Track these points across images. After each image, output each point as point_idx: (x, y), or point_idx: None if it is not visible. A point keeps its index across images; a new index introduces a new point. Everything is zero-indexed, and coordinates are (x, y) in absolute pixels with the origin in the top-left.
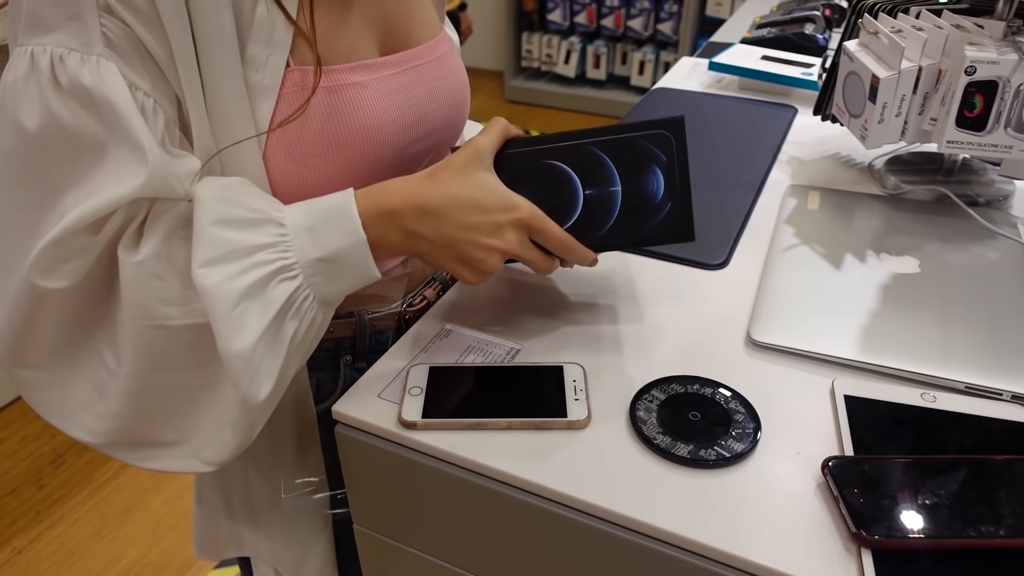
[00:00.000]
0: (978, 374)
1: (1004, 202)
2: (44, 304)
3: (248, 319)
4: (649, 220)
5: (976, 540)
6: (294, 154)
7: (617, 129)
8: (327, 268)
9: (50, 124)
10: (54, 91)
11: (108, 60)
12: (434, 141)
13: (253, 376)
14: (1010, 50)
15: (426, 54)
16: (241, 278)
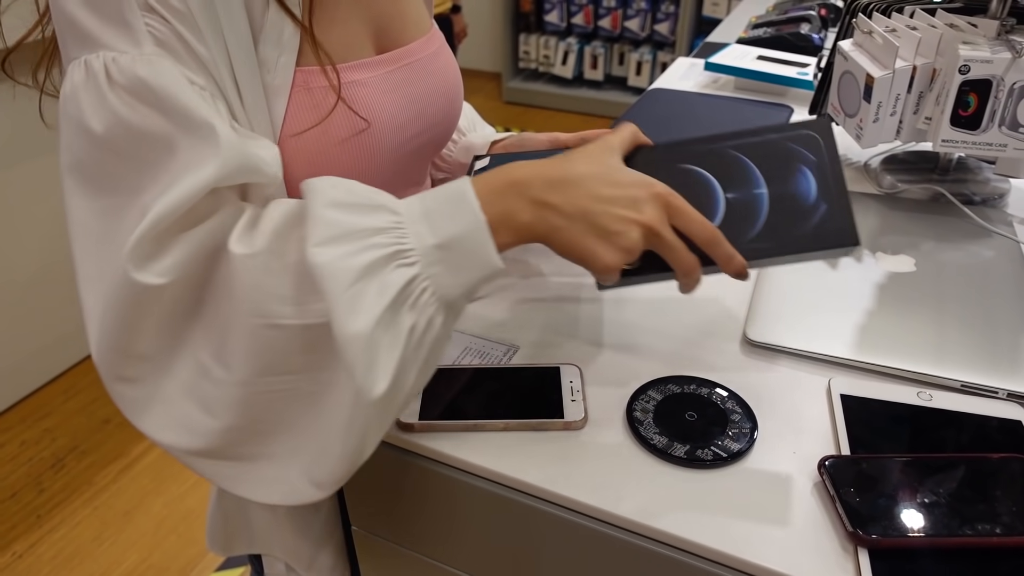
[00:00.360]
0: (974, 372)
1: (1000, 200)
2: (141, 306)
3: (365, 300)
4: (803, 223)
5: (973, 538)
6: (300, 152)
7: (752, 132)
8: (446, 256)
9: (115, 125)
10: (112, 91)
11: (160, 57)
12: (432, 135)
13: (370, 364)
14: (1004, 49)
15: (420, 51)
16: (357, 257)
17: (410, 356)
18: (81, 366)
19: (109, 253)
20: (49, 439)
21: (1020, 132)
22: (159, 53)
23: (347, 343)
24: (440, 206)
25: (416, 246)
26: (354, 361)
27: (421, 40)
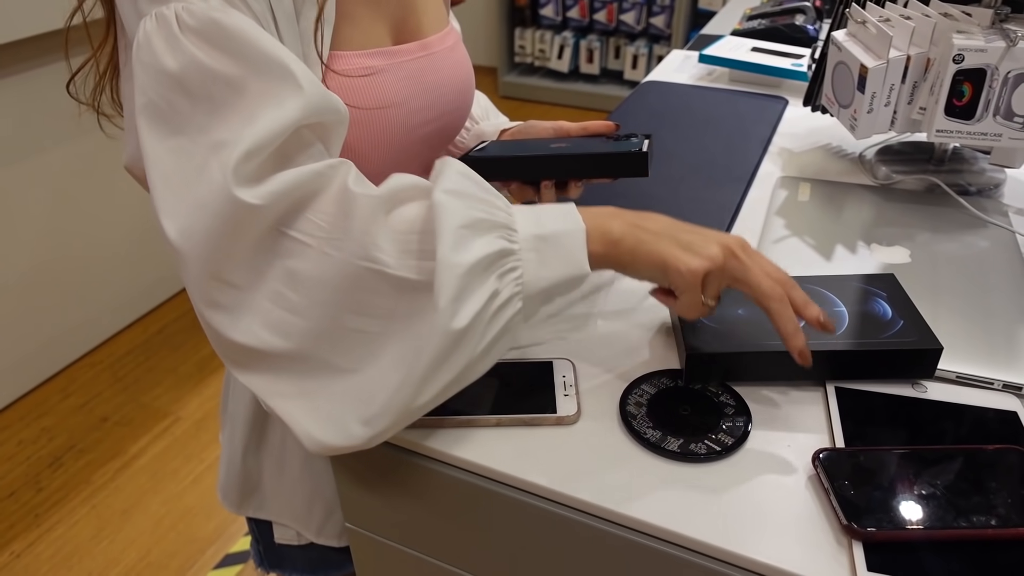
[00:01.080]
0: (969, 363)
1: (995, 191)
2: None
3: (469, 243)
4: (882, 332)
5: (968, 531)
6: None
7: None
8: (542, 247)
9: (188, 64)
10: (185, 35)
11: (228, 5)
12: (444, 123)
13: (457, 296)
14: (998, 38)
15: (436, 44)
16: (473, 211)
17: (485, 319)
18: (79, 364)
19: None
20: (47, 438)
21: (1014, 121)
22: (225, 5)
23: (445, 268)
24: (549, 210)
25: (521, 230)
26: (444, 285)
27: (438, 35)
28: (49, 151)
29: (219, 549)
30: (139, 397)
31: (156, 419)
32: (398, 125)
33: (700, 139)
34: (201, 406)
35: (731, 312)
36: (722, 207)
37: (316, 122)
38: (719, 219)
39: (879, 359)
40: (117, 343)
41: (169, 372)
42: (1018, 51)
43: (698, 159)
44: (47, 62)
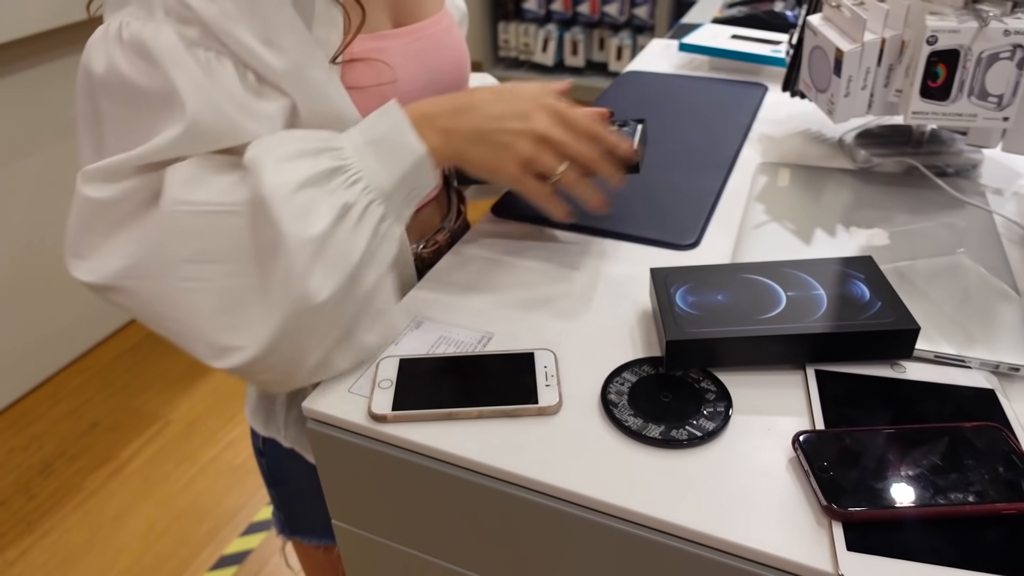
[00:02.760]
0: (947, 343)
1: (973, 171)
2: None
3: (295, 168)
4: (860, 313)
5: (947, 508)
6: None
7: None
8: (375, 150)
9: (111, 72)
10: (117, 47)
11: (166, 24)
12: None
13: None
14: (970, 18)
15: (433, 26)
16: (289, 146)
17: (350, 235)
18: (67, 371)
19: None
20: (37, 445)
21: (989, 101)
22: (167, 22)
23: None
24: (371, 117)
25: (348, 144)
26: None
27: (435, 17)
28: (30, 155)
29: (213, 551)
30: (129, 402)
31: (147, 423)
32: (401, 102)
33: (680, 127)
34: (192, 408)
35: (710, 298)
36: (703, 195)
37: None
38: (700, 206)
39: (858, 341)
40: (105, 348)
41: (158, 376)
42: (991, 31)
43: (678, 147)
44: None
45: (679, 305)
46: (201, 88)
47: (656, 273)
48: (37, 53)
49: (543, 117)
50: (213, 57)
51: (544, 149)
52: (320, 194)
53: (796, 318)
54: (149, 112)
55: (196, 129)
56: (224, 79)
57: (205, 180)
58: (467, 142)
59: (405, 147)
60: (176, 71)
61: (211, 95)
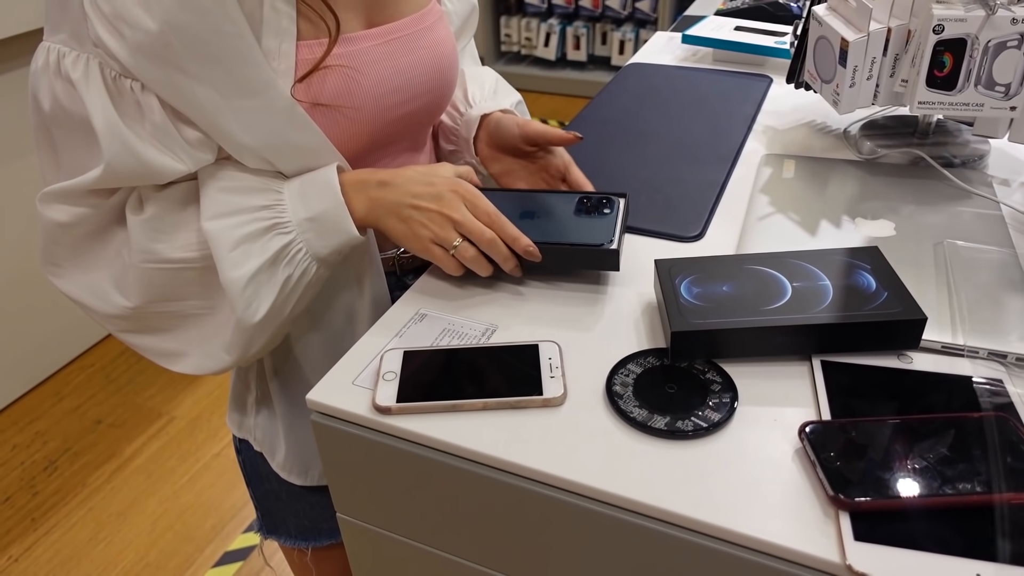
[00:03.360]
0: (954, 333)
1: (979, 162)
2: (51, 232)
3: (247, 257)
4: (866, 304)
5: (954, 498)
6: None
7: (808, 255)
8: (316, 226)
9: (56, 107)
10: (57, 80)
11: (94, 58)
12: (422, 103)
13: (249, 302)
14: (977, 7)
15: (411, 26)
16: (242, 228)
17: (288, 297)
18: (70, 367)
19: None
20: (41, 442)
21: (996, 91)
22: (95, 54)
23: (230, 285)
24: (311, 187)
25: (292, 218)
26: (236, 298)
27: (414, 16)
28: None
29: (217, 547)
30: (132, 398)
31: (150, 420)
32: (365, 110)
33: (685, 119)
34: (195, 405)
35: (715, 289)
36: (707, 186)
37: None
38: (705, 198)
39: (864, 331)
40: (109, 345)
41: (162, 372)
42: (998, 19)
43: (683, 139)
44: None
45: (684, 296)
46: (117, 134)
47: (661, 264)
48: None
49: (453, 200)
50: (139, 88)
51: (446, 227)
52: (269, 277)
53: (802, 309)
54: (89, 139)
55: (111, 171)
56: (148, 111)
57: (168, 232)
58: (386, 213)
59: (343, 230)
60: (96, 115)
61: (127, 140)
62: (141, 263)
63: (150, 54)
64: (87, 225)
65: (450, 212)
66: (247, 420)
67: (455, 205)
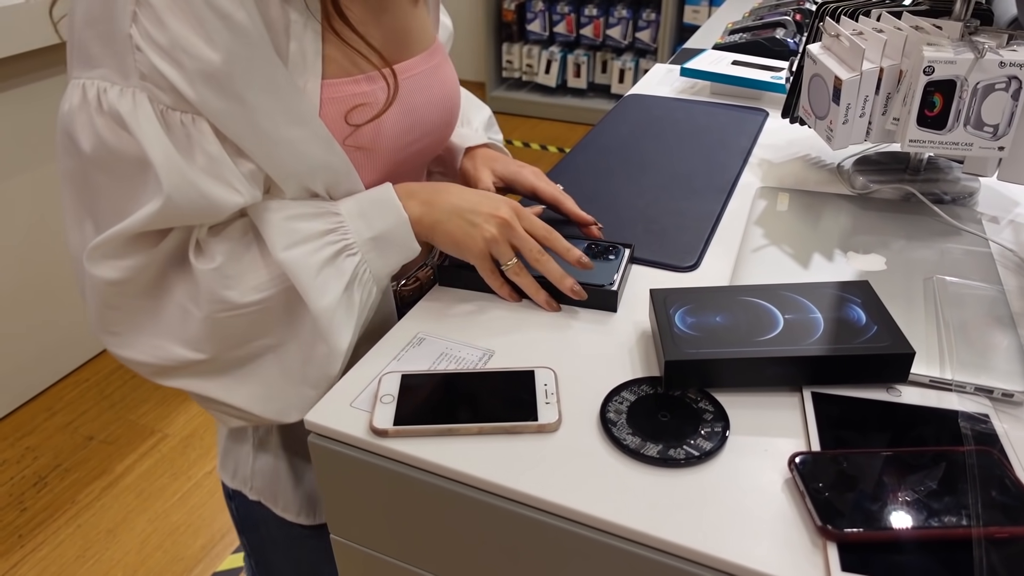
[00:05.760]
0: (942, 367)
1: (969, 199)
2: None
3: (329, 283)
4: (856, 337)
5: (940, 531)
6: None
7: (800, 288)
8: (378, 245)
9: (100, 147)
10: (99, 117)
11: (142, 91)
12: (430, 141)
13: (339, 328)
14: (967, 49)
15: (422, 64)
16: (317, 254)
17: (360, 320)
18: (63, 383)
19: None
20: (31, 457)
21: (984, 131)
22: (143, 87)
23: (321, 314)
24: (371, 207)
25: (356, 239)
26: (327, 326)
27: (423, 55)
28: (29, 169)
29: (206, 568)
30: (126, 415)
31: (142, 437)
32: (384, 149)
33: (681, 151)
34: (188, 423)
35: (709, 319)
36: (703, 217)
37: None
38: (700, 229)
39: (854, 364)
40: (103, 361)
41: (156, 389)
42: (986, 63)
43: (679, 170)
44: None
45: (678, 326)
46: (175, 166)
47: (656, 294)
48: (40, 68)
49: (508, 211)
50: (190, 120)
51: (505, 236)
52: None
53: (793, 341)
54: (135, 180)
55: (172, 206)
56: (203, 143)
57: (238, 277)
58: (445, 214)
59: (406, 245)
60: (152, 147)
61: (186, 173)
62: (214, 314)
63: (213, 84)
64: (140, 280)
65: (510, 219)
66: (243, 470)
67: (509, 219)
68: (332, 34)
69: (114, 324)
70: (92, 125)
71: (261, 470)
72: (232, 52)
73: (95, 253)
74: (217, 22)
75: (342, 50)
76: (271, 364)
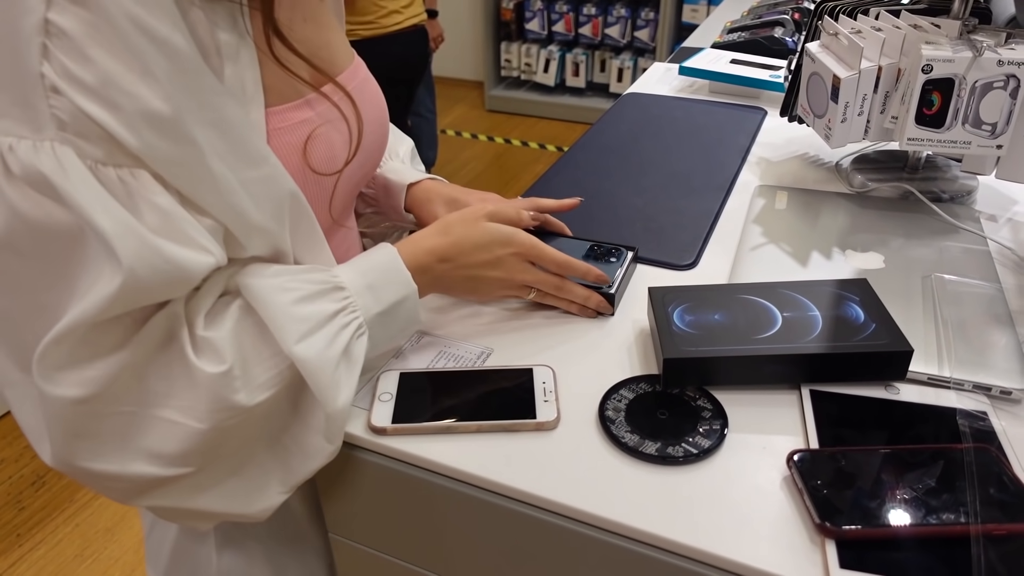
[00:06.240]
0: (940, 365)
1: (967, 197)
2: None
3: (343, 378)
4: (854, 335)
5: (937, 528)
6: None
7: (798, 286)
8: (385, 320)
9: (13, 222)
10: (9, 183)
11: (63, 144)
12: (371, 165)
13: (344, 424)
14: (965, 48)
15: (351, 80)
16: (333, 346)
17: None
18: None
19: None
20: (29, 456)
21: (983, 129)
22: (63, 139)
23: (336, 415)
24: (380, 279)
25: (365, 317)
26: (338, 428)
27: (349, 70)
28: None
29: None
30: None
31: None
32: (332, 182)
33: (680, 149)
34: None
35: (707, 318)
36: (702, 216)
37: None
38: (698, 227)
39: (852, 362)
40: None
41: None
42: (984, 61)
43: (678, 169)
44: None
45: (677, 324)
46: (131, 230)
47: (654, 292)
48: None
49: (515, 262)
50: (128, 175)
51: (516, 287)
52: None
53: (792, 339)
54: (68, 260)
55: (134, 280)
56: (151, 198)
57: (243, 379)
58: (452, 286)
59: (413, 320)
60: (95, 211)
61: (145, 237)
62: (220, 423)
63: (159, 126)
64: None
65: (520, 276)
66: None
67: (520, 268)
68: (268, 56)
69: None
70: (1, 196)
71: (228, 567)
72: (176, 85)
73: (46, 365)
74: (153, 50)
75: (278, 74)
76: (266, 458)
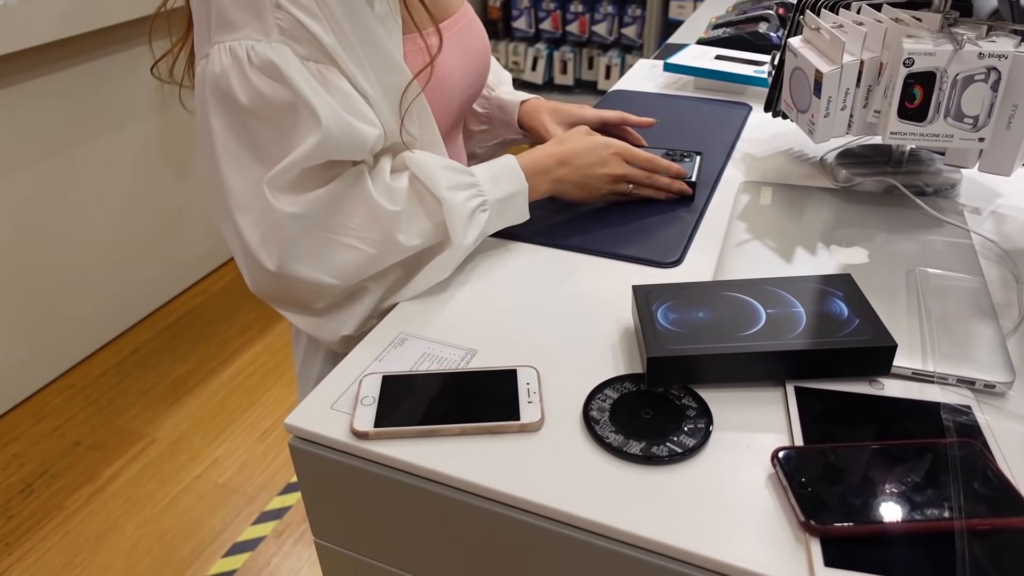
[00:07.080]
0: (924, 360)
1: (951, 191)
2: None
3: (470, 228)
4: (838, 331)
5: (923, 523)
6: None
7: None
8: (502, 207)
9: (256, 98)
10: (252, 71)
11: (283, 44)
12: (479, 86)
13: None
14: (946, 41)
15: (463, 18)
16: (470, 202)
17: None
18: (50, 388)
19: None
20: (17, 464)
21: (965, 123)
22: (283, 40)
23: (461, 252)
24: (502, 173)
25: (489, 199)
26: (456, 262)
27: (461, 11)
28: (16, 171)
29: (196, 572)
30: (113, 420)
31: (130, 442)
32: (455, 95)
33: (665, 145)
34: (176, 427)
35: (691, 315)
36: (686, 212)
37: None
38: (683, 224)
39: (836, 357)
40: (89, 365)
41: (143, 393)
42: (966, 54)
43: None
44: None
45: (661, 322)
46: (327, 103)
47: (638, 290)
48: (30, 68)
49: (616, 161)
50: (324, 68)
51: (619, 183)
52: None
53: (776, 335)
54: (288, 123)
55: (329, 137)
56: (338, 85)
57: (406, 223)
58: (569, 188)
59: (521, 212)
60: (305, 89)
61: (336, 108)
62: (384, 254)
63: (340, 34)
64: (315, 215)
65: (621, 172)
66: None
67: (619, 165)
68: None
69: (293, 258)
70: (246, 79)
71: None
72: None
73: (275, 184)
74: None
75: (410, 9)
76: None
